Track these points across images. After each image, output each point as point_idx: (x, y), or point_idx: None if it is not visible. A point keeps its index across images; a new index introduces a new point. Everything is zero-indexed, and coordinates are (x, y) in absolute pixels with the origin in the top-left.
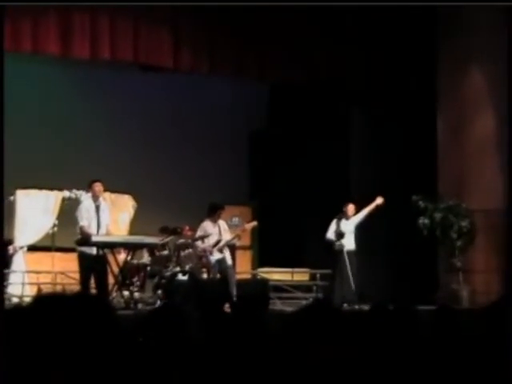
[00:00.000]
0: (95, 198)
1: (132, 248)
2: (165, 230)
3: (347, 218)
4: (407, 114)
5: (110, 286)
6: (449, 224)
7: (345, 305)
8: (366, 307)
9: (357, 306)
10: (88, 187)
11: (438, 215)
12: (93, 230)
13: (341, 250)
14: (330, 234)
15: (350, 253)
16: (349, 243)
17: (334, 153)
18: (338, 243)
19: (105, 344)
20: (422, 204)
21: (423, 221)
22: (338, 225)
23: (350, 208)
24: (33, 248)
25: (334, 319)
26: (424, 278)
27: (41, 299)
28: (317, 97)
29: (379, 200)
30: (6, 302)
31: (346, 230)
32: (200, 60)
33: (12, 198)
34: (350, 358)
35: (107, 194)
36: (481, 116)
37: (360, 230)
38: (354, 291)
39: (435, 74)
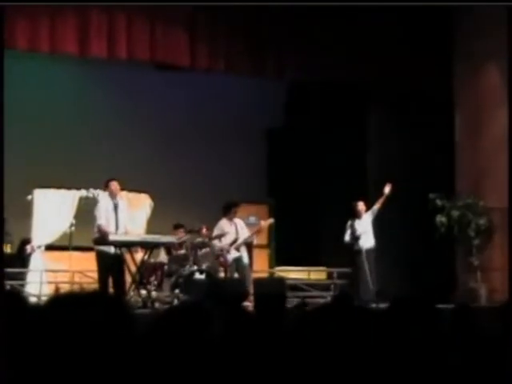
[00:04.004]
0: (113, 197)
1: (149, 247)
2: (178, 227)
3: (360, 216)
4: (425, 112)
5: (128, 285)
6: (466, 222)
7: (367, 303)
8: (383, 305)
9: (374, 305)
10: (104, 186)
11: (455, 213)
12: (111, 228)
13: (360, 250)
14: (347, 237)
15: (368, 250)
16: (367, 242)
17: (352, 151)
18: (356, 245)
19: (121, 343)
20: (439, 202)
21: (440, 219)
22: (352, 227)
23: (361, 206)
24: (50, 247)
25: (355, 316)
26: (441, 277)
27: (57, 298)
28: (334, 94)
29: (387, 189)
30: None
31: (361, 231)
32: (217, 58)
33: (30, 197)
34: (369, 356)
35: (124, 193)
36: (498, 114)
37: (377, 228)
38: (372, 290)
39: (452, 72)
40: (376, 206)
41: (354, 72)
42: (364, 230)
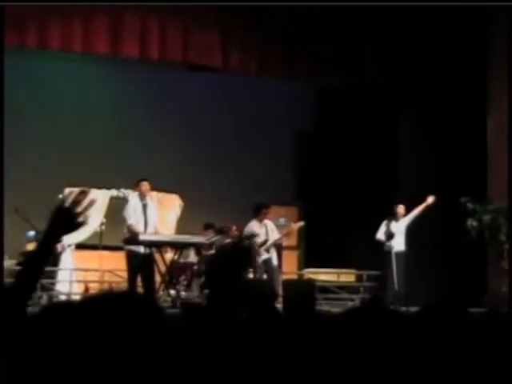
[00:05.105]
0: (142, 197)
1: (179, 247)
2: (209, 227)
3: (397, 219)
4: (457, 114)
5: (157, 285)
6: (497, 226)
7: (392, 306)
8: (413, 309)
9: (404, 308)
10: (135, 186)
11: (486, 217)
12: (140, 228)
13: (389, 251)
14: (380, 235)
15: (399, 254)
16: (398, 244)
17: (382, 153)
18: (387, 244)
19: (153, 343)
20: (470, 206)
21: (471, 223)
22: (388, 226)
23: (401, 209)
24: (81, 246)
25: (388, 320)
26: (472, 281)
27: (88, 299)
28: (365, 96)
29: (430, 199)
30: (54, 300)
31: (396, 231)
32: (249, 60)
33: (61, 196)
34: (402, 360)
35: (154, 193)
36: None
37: (408, 231)
38: (398, 293)
39: (486, 75)
40: (414, 213)
41: (385, 75)
42: (398, 232)
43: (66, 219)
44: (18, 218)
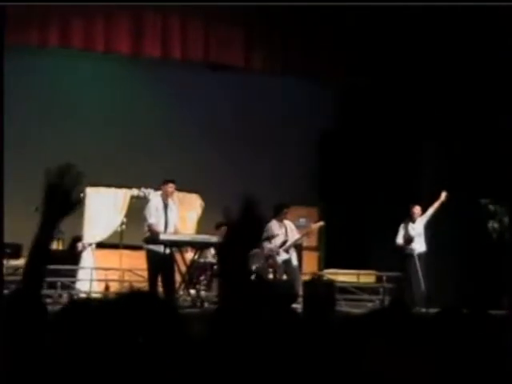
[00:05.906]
0: (164, 197)
1: (199, 247)
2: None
3: (414, 220)
4: (478, 113)
5: (177, 285)
6: None
7: (417, 308)
8: (433, 310)
9: (424, 309)
10: (161, 185)
11: (507, 219)
12: (161, 228)
13: (411, 254)
14: (400, 239)
15: (420, 255)
16: (419, 246)
17: (404, 154)
18: (408, 248)
19: (170, 344)
20: (491, 207)
21: (493, 224)
22: (405, 229)
23: (417, 210)
24: (101, 245)
25: (411, 322)
26: (492, 282)
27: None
28: (387, 96)
29: (443, 196)
30: (75, 298)
31: (414, 234)
32: (271, 60)
33: (82, 195)
34: (424, 363)
35: (175, 193)
36: None
37: (428, 232)
38: (422, 295)
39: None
40: (430, 211)
41: (405, 75)
42: (417, 234)
43: (61, 201)
44: (38, 216)
